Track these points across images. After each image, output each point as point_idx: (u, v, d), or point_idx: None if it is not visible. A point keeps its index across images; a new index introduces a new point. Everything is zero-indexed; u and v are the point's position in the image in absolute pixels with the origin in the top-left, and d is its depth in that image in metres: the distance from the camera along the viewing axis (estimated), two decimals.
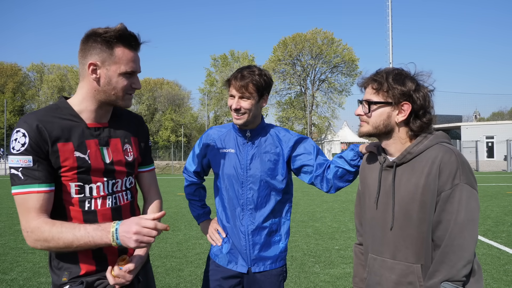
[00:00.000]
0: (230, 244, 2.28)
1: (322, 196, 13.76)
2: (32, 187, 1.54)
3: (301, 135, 2.34)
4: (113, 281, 1.66)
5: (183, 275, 5.26)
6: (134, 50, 1.70)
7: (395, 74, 1.65)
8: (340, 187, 2.19)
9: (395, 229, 1.65)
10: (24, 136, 1.55)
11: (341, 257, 6.04)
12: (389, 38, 32.95)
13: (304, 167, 2.25)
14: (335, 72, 49.67)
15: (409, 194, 1.61)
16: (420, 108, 1.63)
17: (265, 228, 2.24)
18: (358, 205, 1.97)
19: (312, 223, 8.80)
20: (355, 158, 2.08)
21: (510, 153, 31.04)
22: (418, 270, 1.59)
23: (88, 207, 1.68)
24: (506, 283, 4.86)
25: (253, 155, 2.24)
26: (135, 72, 1.72)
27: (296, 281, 5.01)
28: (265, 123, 2.33)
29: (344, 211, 10.55)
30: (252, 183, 2.22)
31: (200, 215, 2.49)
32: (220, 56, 54.74)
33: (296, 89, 50.97)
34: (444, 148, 1.58)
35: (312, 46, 47.35)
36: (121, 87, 1.68)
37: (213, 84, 54.02)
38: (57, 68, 58.05)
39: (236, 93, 2.16)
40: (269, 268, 2.25)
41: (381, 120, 1.66)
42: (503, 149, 34.91)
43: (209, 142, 2.36)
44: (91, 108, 1.71)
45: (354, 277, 2.00)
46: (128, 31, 1.66)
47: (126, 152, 1.82)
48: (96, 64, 1.64)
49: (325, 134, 48.78)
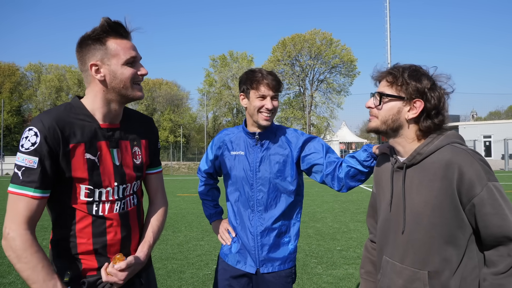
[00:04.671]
0: (240, 244, 2.30)
1: (323, 196, 13.75)
2: (27, 190, 1.51)
3: (310, 135, 2.33)
4: (105, 278, 1.65)
5: (185, 277, 5.22)
6: (126, 37, 1.67)
7: (411, 70, 1.60)
8: (352, 187, 2.18)
9: (406, 233, 1.61)
10: (36, 136, 1.53)
11: (343, 258, 6.02)
12: (387, 39, 33.05)
13: (314, 166, 2.24)
14: (334, 72, 49.69)
15: (421, 197, 1.56)
16: (433, 108, 1.58)
17: (274, 230, 2.25)
18: (372, 206, 1.93)
19: (313, 224, 8.78)
20: (368, 159, 2.06)
21: (508, 152, 31.12)
22: (425, 277, 1.54)
23: (96, 211, 1.66)
24: None
25: (262, 157, 2.26)
26: (136, 58, 1.69)
27: (299, 282, 4.97)
28: (274, 124, 2.33)
29: (344, 211, 10.53)
30: (262, 185, 2.24)
31: (212, 214, 2.55)
32: (219, 57, 54.70)
33: (295, 90, 50.99)
34: (457, 150, 1.53)
35: (311, 47, 47.35)
36: (128, 77, 1.65)
37: (212, 84, 53.97)
38: (55, 68, 57.82)
39: (271, 93, 2.19)
40: (278, 269, 2.25)
41: (390, 114, 1.61)
42: (500, 148, 35.01)
43: (220, 144, 2.40)
44: (103, 108, 1.69)
45: (361, 268, 1.99)
46: (112, 21, 1.63)
47: (135, 155, 1.80)
48: (97, 64, 1.62)
49: (324, 134, 48.78)
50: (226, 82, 52.69)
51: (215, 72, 54.23)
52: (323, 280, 5.05)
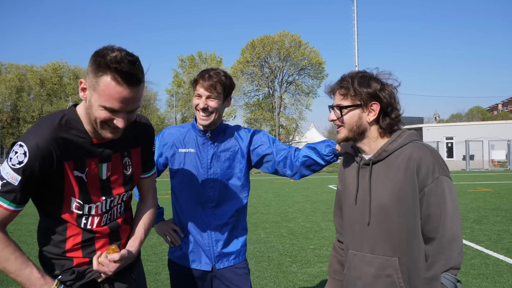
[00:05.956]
0: (192, 243, 2.30)
1: (293, 197, 13.91)
2: (2, 201, 1.51)
3: (255, 129, 2.42)
4: (96, 267, 1.68)
5: (161, 278, 5.20)
6: (126, 86, 1.45)
7: (359, 77, 1.73)
8: (305, 175, 2.28)
9: (373, 224, 1.72)
10: (24, 155, 1.50)
11: (317, 256, 6.15)
12: (355, 42, 33.74)
13: (265, 156, 2.31)
14: (302, 74, 50.34)
15: (387, 189, 1.69)
16: (388, 105, 1.72)
17: (227, 224, 2.28)
18: (337, 205, 2.04)
19: (285, 224, 8.89)
20: (330, 155, 2.16)
21: (469, 153, 32.51)
22: (396, 263, 1.66)
23: (85, 224, 1.69)
24: (473, 276, 5.12)
25: (213, 154, 2.28)
26: (119, 110, 1.50)
27: (275, 281, 5.06)
28: (223, 123, 2.37)
29: (315, 211, 10.71)
30: (213, 182, 2.26)
31: None
32: (187, 57, 54.28)
33: (264, 91, 51.30)
34: (418, 145, 1.68)
35: (280, 49, 47.77)
36: (98, 118, 1.51)
37: (181, 85, 53.46)
38: (16, 67, 55.60)
39: (204, 92, 2.18)
40: (233, 263, 2.30)
41: (353, 121, 1.73)
42: (462, 150, 36.49)
43: (166, 141, 2.37)
44: (90, 125, 1.61)
45: (329, 267, 2.10)
46: (121, 65, 1.42)
47: (125, 166, 1.79)
48: (85, 84, 1.53)
49: (293, 136, 49.36)
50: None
51: (184, 73, 53.77)
52: (299, 278, 5.16)
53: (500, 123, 39.60)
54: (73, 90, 56.36)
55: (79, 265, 1.70)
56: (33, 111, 53.24)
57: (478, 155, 34.96)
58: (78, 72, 57.87)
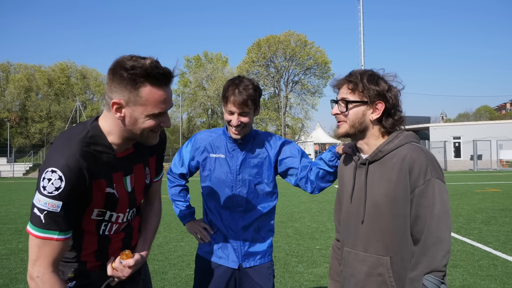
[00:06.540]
0: (221, 241, 2.38)
1: (299, 197, 13.91)
2: (52, 233, 1.47)
3: (286, 139, 2.47)
4: (111, 272, 1.69)
5: (167, 277, 5.21)
6: (165, 87, 1.51)
7: (369, 75, 1.74)
8: (323, 188, 2.33)
9: (367, 223, 1.73)
10: (60, 180, 1.44)
11: (323, 257, 6.13)
12: (361, 41, 33.62)
13: (290, 169, 2.38)
14: (308, 74, 50.17)
15: (381, 189, 1.70)
16: (392, 107, 1.73)
17: (255, 226, 2.37)
18: (337, 203, 2.05)
19: (291, 224, 8.88)
20: (333, 159, 2.20)
21: (476, 153, 32.28)
22: (387, 262, 1.67)
23: (103, 230, 1.70)
24: (481, 277, 5.07)
25: (242, 161, 2.34)
26: (164, 112, 1.56)
27: (281, 281, 5.05)
28: (253, 129, 2.41)
29: (321, 211, 10.69)
30: (242, 187, 2.34)
31: (186, 215, 2.57)
32: (193, 57, 54.42)
33: (270, 91, 51.21)
34: (413, 147, 1.68)
35: (285, 48, 47.65)
36: (147, 127, 1.54)
37: (187, 85, 53.60)
38: (24, 68, 56.08)
39: (236, 110, 2.20)
40: (259, 263, 2.38)
41: (357, 118, 1.74)
42: (469, 149, 36.23)
43: (198, 146, 2.43)
44: (118, 141, 1.61)
45: (330, 269, 2.10)
46: (158, 68, 1.46)
47: (146, 176, 1.82)
48: (120, 104, 1.49)
49: (299, 135, 49.25)
50: (201, 83, 52.46)
51: (190, 73, 53.88)
52: (305, 278, 5.14)
53: (508, 123, 39.16)
54: (80, 90, 56.80)
55: (92, 268, 1.71)
56: (41, 110, 53.61)
57: (486, 155, 34.68)
58: (85, 72, 58.32)
